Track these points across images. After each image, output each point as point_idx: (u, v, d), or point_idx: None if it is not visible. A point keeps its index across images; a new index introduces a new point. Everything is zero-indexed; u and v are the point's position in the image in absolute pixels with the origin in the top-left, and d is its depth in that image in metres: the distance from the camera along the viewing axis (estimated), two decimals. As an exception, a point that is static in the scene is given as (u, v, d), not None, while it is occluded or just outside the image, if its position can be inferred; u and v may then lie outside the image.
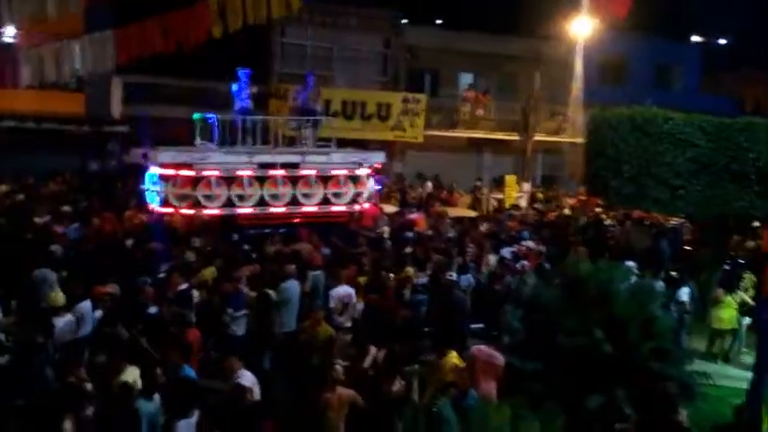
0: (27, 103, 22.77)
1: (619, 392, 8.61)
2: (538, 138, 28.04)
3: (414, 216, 19.35)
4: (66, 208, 17.13)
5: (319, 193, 16.78)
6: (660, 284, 12.86)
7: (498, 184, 26.06)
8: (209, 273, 12.56)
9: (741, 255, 17.62)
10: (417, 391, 8.71)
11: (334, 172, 16.92)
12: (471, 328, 13.03)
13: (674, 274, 15.09)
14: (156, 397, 8.15)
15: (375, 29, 28.66)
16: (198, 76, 23.91)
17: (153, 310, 10.84)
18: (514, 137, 28.50)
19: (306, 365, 9.44)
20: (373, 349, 9.65)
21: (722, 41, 39.61)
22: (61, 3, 15.27)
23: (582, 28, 26.40)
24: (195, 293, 11.72)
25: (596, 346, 8.87)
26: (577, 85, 27.71)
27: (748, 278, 15.37)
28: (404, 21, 29.16)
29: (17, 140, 24.01)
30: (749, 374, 11.60)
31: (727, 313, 14.26)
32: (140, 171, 16.88)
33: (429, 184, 25.96)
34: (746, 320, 14.31)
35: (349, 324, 11.75)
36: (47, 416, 7.41)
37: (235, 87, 16.92)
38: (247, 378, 8.67)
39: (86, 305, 10.39)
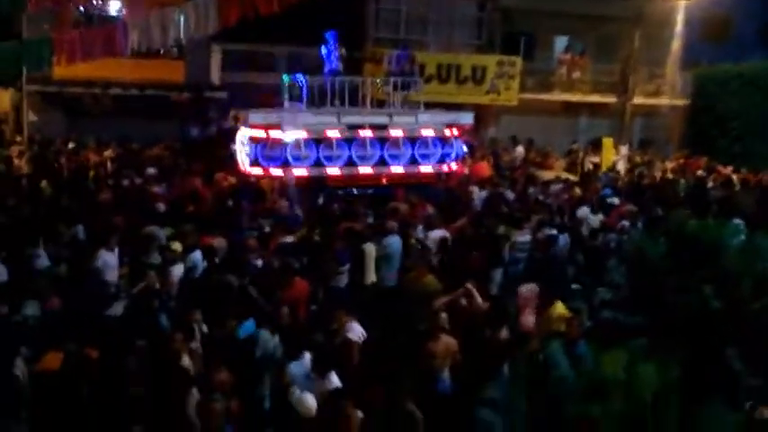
0: (131, 71, 23.60)
1: (729, 349, 8.47)
2: (636, 100, 27.32)
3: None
4: (152, 170, 17.66)
5: (407, 153, 16.84)
6: (768, 241, 12.46)
7: (595, 147, 25.51)
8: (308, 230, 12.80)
9: None
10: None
11: (421, 132, 16.90)
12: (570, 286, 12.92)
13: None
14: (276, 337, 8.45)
15: (469, -8, 28.36)
16: (293, 42, 24.22)
17: (258, 261, 11.17)
18: (611, 99, 27.85)
19: (410, 316, 9.54)
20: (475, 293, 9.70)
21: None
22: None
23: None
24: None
25: (705, 302, 8.72)
26: (678, 45, 26.79)
27: None
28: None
29: (122, 108, 24.97)
30: None
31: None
32: (234, 134, 17.29)
33: (520, 148, 25.66)
34: None
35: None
36: (165, 353, 7.76)
37: (324, 50, 17.10)
38: (356, 331, 8.84)
39: (197, 255, 10.80)
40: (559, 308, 9.43)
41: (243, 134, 16.56)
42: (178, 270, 10.53)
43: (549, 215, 14.66)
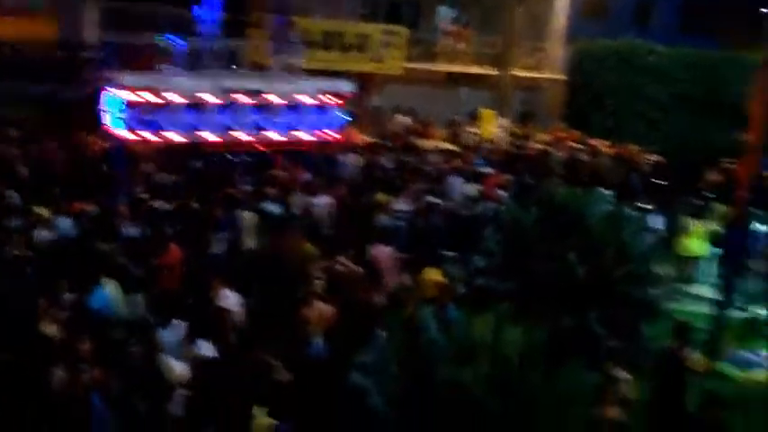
0: (3, 29, 22.26)
1: (591, 314, 8.86)
2: (516, 73, 27.92)
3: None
4: (14, 132, 16.84)
5: (285, 120, 16.70)
6: (633, 212, 13.10)
7: (475, 118, 25.98)
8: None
9: (710, 187, 18.09)
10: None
11: (300, 99, 16.84)
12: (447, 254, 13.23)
13: (646, 205, 15.35)
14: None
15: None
16: (177, 2, 23.44)
17: (130, 229, 10.88)
18: (493, 71, 28.36)
19: (285, 282, 9.54)
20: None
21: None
22: None
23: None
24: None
25: (570, 269, 9.08)
26: (559, 21, 27.52)
27: (717, 209, 15.85)
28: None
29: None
30: (712, 296, 12.03)
31: (695, 241, 14.62)
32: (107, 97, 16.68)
33: (403, 118, 25.85)
34: (714, 249, 14.74)
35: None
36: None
37: (201, 12, 16.67)
38: (230, 299, 8.76)
39: (66, 221, 10.42)
40: (433, 274, 9.64)
41: (116, 97, 15.96)
42: (42, 235, 10.11)
43: (428, 184, 14.90)
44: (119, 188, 12.59)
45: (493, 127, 24.42)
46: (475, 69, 28.67)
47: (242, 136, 16.14)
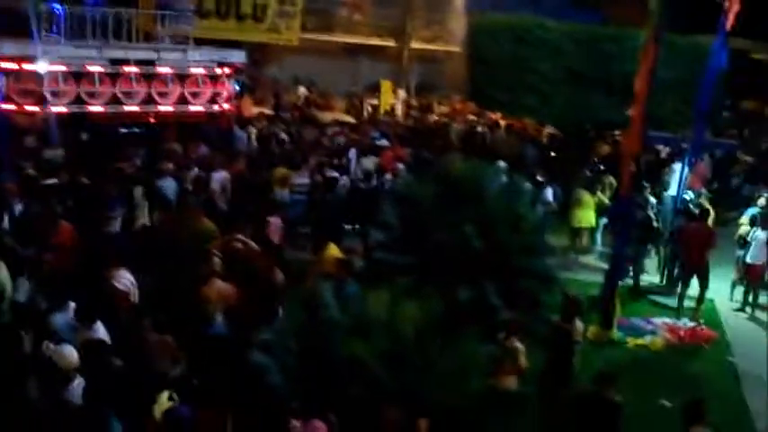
0: None
1: (487, 286, 9.07)
2: (415, 45, 28.08)
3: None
4: None
5: (176, 92, 16.29)
6: (527, 185, 13.45)
7: (374, 90, 26.06)
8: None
9: (600, 159, 18.75)
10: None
11: (191, 70, 16.45)
12: (347, 227, 13.29)
13: (539, 177, 15.77)
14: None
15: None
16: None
17: (18, 206, 10.45)
18: (391, 43, 28.43)
19: (183, 260, 9.37)
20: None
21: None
22: None
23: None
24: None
25: (467, 241, 9.27)
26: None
27: (607, 181, 16.44)
28: None
29: None
30: (604, 266, 12.52)
31: (587, 213, 15.12)
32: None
33: (302, 89, 25.69)
34: (603, 220, 15.32)
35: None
36: None
37: None
38: (125, 279, 8.55)
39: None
40: (332, 249, 9.68)
41: None
42: None
43: (326, 157, 14.89)
44: (3, 164, 12.01)
45: (391, 99, 24.56)
46: (373, 41, 28.66)
47: (132, 108, 15.64)
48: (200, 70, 16.55)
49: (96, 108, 15.21)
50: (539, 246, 10.05)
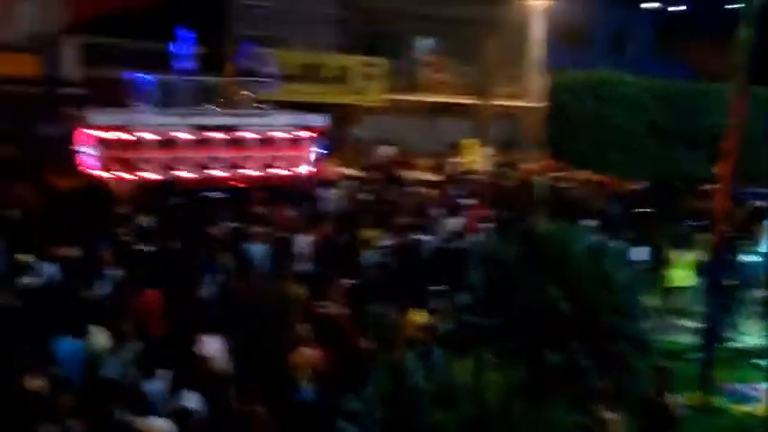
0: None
1: (576, 348, 8.84)
2: (496, 102, 28.13)
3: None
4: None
5: (259, 156, 16.65)
6: (616, 244, 13.15)
7: (457, 148, 26.13)
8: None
9: (693, 216, 18.17)
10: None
11: (273, 135, 16.77)
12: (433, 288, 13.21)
13: (629, 234, 15.39)
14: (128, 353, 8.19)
15: (334, -9, 28.35)
16: (157, 37, 23.48)
17: (111, 272, 10.78)
18: (473, 101, 28.55)
19: (272, 326, 9.48)
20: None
21: (678, 8, 39.95)
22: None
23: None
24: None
25: (553, 303, 9.10)
26: (536, 50, 27.78)
27: (700, 238, 15.88)
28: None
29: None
30: (701, 329, 12.03)
31: (680, 272, 14.61)
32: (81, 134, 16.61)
33: (386, 148, 25.98)
34: (698, 279, 14.76)
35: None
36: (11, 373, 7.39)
37: (176, 48, 16.67)
38: (212, 345, 8.69)
39: (50, 267, 10.34)
40: (417, 315, 9.63)
41: (88, 135, 15.90)
42: (29, 281, 10.01)
43: (411, 218, 14.92)
44: (100, 231, 12.47)
45: (475, 156, 24.56)
46: (455, 99, 28.86)
47: (217, 173, 16.05)
48: (283, 134, 16.85)
49: (184, 174, 15.70)
50: (629, 306, 9.76)
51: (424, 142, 27.84)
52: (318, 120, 17.80)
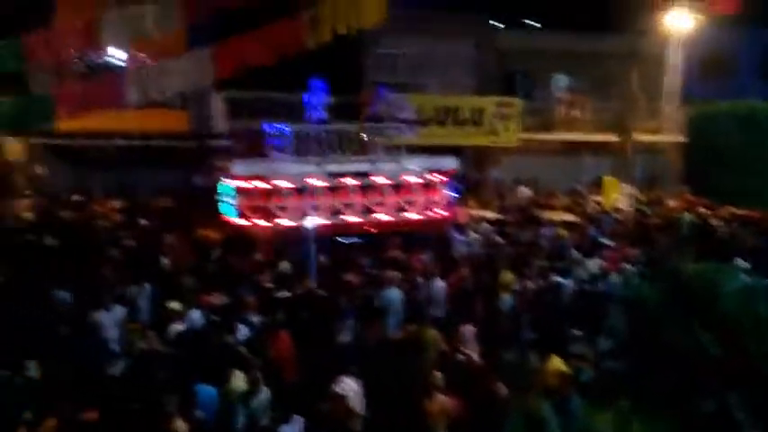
0: (135, 121, 23.60)
1: (730, 397, 8.35)
2: (637, 137, 27.28)
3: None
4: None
5: (392, 200, 16.81)
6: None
7: (597, 186, 25.48)
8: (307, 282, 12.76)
9: None
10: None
11: (405, 179, 16.92)
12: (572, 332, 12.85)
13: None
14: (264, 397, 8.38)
15: (466, 34, 28.51)
16: (297, 88, 24.37)
17: (255, 319, 11.11)
18: (612, 138, 27.84)
19: (408, 372, 9.48)
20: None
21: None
22: (163, 22, 15.86)
23: (681, 21, 25.51)
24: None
25: (703, 348, 8.63)
26: (676, 82, 26.87)
27: None
28: (494, 23, 28.92)
29: (127, 158, 25.15)
30: None
31: None
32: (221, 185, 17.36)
33: (525, 189, 25.69)
34: None
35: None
36: (158, 416, 7.73)
37: (309, 98, 17.18)
38: (348, 386, 8.79)
39: (197, 314, 10.80)
40: (556, 362, 9.36)
41: (227, 185, 16.61)
42: (177, 328, 10.50)
43: (549, 259, 14.64)
44: (243, 278, 12.93)
45: (616, 195, 23.82)
46: (593, 137, 28.26)
47: (351, 218, 16.36)
48: (415, 178, 17.04)
49: (319, 220, 16.05)
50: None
51: (564, 181, 27.34)
52: (450, 162, 17.81)
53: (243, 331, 10.47)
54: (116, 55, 25.12)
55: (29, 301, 11.38)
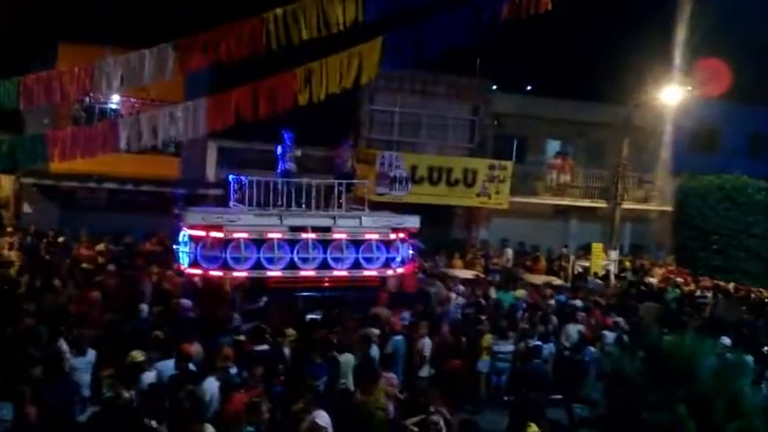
0: (127, 166, 23.72)
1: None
2: (626, 205, 27.56)
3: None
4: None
5: (350, 257, 16.71)
6: (750, 360, 12.35)
7: (585, 251, 25.64)
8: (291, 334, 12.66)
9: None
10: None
11: (365, 236, 16.84)
12: (551, 398, 12.79)
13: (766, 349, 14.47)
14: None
15: (463, 96, 28.86)
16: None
17: (233, 370, 11.00)
18: (602, 204, 28.12)
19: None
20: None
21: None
22: (161, 72, 16.04)
23: (672, 96, 25.98)
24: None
25: (680, 423, 8.58)
26: (666, 153, 27.25)
27: None
28: (492, 87, 29.33)
29: (117, 201, 25.21)
30: None
31: (827, 392, 13.47)
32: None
33: (509, 251, 25.81)
34: None
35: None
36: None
37: (279, 149, 17.20)
38: (324, 419, 8.75)
39: (168, 364, 10.67)
40: (533, 429, 9.31)
41: (184, 233, 16.50)
42: (149, 377, 10.36)
43: (531, 324, 14.64)
44: (218, 327, 12.78)
45: (601, 260, 23.97)
46: (582, 202, 28.55)
47: (308, 272, 16.24)
48: (375, 236, 16.91)
49: (274, 272, 15.96)
50: (763, 429, 9.10)
51: (552, 244, 27.52)
52: (413, 221, 17.63)
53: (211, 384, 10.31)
54: (113, 100, 25.46)
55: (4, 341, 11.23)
